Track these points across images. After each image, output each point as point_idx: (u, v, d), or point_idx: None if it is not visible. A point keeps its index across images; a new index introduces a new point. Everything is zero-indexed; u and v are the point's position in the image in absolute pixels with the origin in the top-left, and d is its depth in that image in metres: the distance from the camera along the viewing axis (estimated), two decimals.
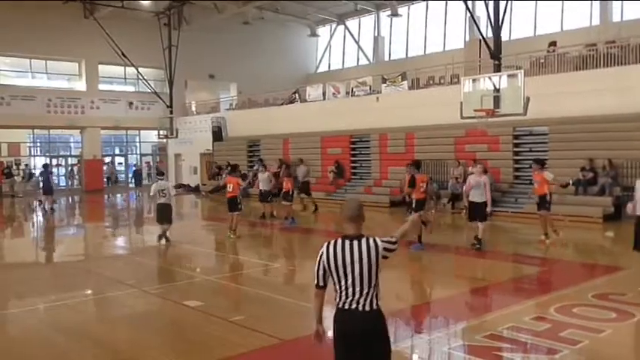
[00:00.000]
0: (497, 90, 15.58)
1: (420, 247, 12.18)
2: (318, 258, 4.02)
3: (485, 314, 7.85)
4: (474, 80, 16.83)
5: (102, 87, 34.43)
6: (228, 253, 13.81)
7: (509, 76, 16.14)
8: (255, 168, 28.72)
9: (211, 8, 32.26)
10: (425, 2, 33.52)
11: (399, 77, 24.58)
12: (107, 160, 36.57)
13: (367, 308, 3.90)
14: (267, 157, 28.06)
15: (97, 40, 29.51)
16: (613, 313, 7.32)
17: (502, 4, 17.96)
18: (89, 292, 9.93)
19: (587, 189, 17.15)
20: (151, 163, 37.78)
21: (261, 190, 19.00)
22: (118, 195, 32.48)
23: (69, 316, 8.10)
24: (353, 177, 25.28)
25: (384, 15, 36.15)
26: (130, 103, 34.87)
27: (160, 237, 13.85)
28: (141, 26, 32.38)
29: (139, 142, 37.79)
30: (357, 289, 3.89)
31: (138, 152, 38.12)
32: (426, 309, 8.41)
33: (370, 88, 26.01)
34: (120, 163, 38.34)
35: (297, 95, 30.00)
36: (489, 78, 16.32)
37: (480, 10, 22.49)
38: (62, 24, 30.58)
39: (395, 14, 34.59)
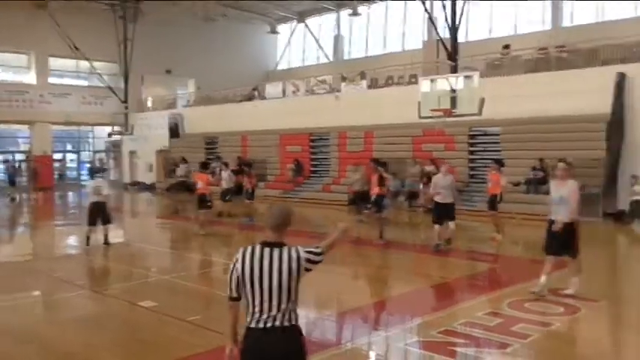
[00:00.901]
0: (453, 90, 15.89)
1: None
2: (232, 266, 3.59)
3: (441, 310, 8.00)
4: (431, 80, 17.12)
5: (53, 80, 33.46)
6: (185, 251, 13.65)
7: (465, 77, 16.49)
8: (212, 166, 28.51)
9: (168, 2, 31.73)
10: (385, 2, 33.86)
11: (359, 76, 24.76)
12: (58, 156, 35.53)
13: (286, 324, 3.48)
14: (226, 155, 27.86)
15: (47, 31, 28.71)
16: (561, 307, 7.58)
17: (459, 6, 18.31)
18: (38, 293, 9.67)
19: (537, 188, 17.63)
20: (105, 160, 36.95)
21: (223, 188, 18.86)
22: (70, 193, 31.69)
23: (16, 318, 7.87)
24: (312, 175, 25.34)
25: (345, 14, 36.33)
26: (83, 98, 33.98)
27: (88, 239, 12.94)
28: (95, 18, 31.60)
29: (92, 138, 36.89)
30: (274, 303, 3.46)
31: (91, 149, 37.21)
32: (382, 306, 8.52)
33: (330, 87, 26.12)
34: (72, 160, 37.36)
35: (256, 92, 29.89)
36: (446, 79, 16.64)
37: (438, 12, 22.85)
38: (10, 14, 29.37)
39: (355, 13, 34.79)
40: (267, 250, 3.53)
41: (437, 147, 20.57)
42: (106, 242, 13.11)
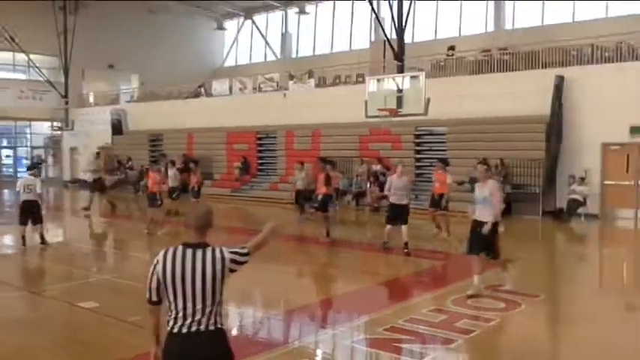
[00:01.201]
0: (400, 90, 16.07)
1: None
2: (152, 268, 3.45)
3: (387, 308, 8.08)
4: (378, 80, 17.27)
5: None
6: (128, 251, 13.32)
7: (411, 77, 16.70)
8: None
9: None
10: (332, 2, 33.96)
11: (306, 75, 24.77)
12: None
13: (211, 328, 3.35)
14: (171, 152, 27.34)
15: None
16: (502, 303, 7.78)
17: (405, 7, 18.57)
18: None
19: None
20: (43, 157, 35.72)
21: (170, 186, 18.54)
22: (6, 190, 30.44)
23: None
24: (259, 173, 25.21)
25: (292, 12, 36.28)
26: (21, 92, 32.65)
27: (23, 239, 12.43)
28: (33, 9, 30.31)
29: (30, 133, 35.55)
30: (199, 306, 3.32)
31: (28, 145, 35.87)
32: (329, 304, 8.54)
33: (277, 85, 26.02)
34: (8, 156, 35.91)
35: (202, 89, 29.48)
36: (393, 79, 16.81)
37: (385, 12, 23.10)
38: None
39: (302, 12, 34.79)
40: (189, 251, 3.39)
41: (383, 146, 20.80)
42: (43, 242, 12.59)
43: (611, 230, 16.38)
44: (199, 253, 3.38)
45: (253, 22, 38.72)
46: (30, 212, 12.41)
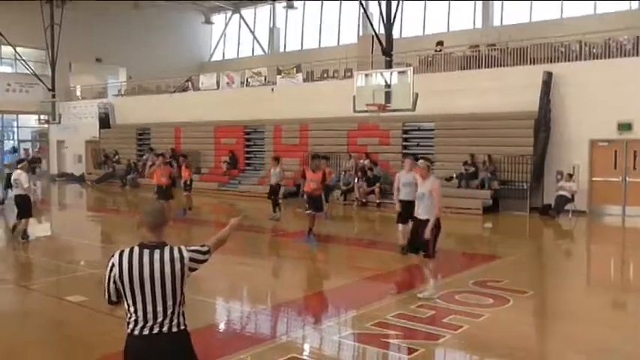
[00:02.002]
0: (388, 85, 16.06)
1: (310, 240, 12.12)
2: (108, 270, 3.29)
3: (374, 303, 8.09)
4: (366, 75, 17.25)
5: None
6: (116, 245, 13.21)
7: (399, 72, 16.70)
8: (144, 157, 27.87)
9: None
10: None
11: (294, 69, 24.69)
12: None
13: (174, 330, 3.27)
14: (158, 147, 27.23)
15: None
16: (490, 299, 7.82)
17: (393, 2, 18.54)
18: None
19: (468, 182, 18.15)
20: (30, 151, 35.39)
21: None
22: None
23: None
24: (247, 168, 25.14)
25: (280, 6, 36.15)
26: (8, 85, 32.31)
27: (12, 231, 12.54)
28: (20, 2, 29.98)
29: (17, 127, 35.21)
30: (160, 308, 3.22)
31: (15, 138, 35.52)
32: (317, 299, 8.55)
33: (265, 79, 25.95)
34: None
35: (190, 83, 29.32)
36: (381, 74, 16.79)
37: (373, 7, 23.06)
38: None
39: (290, 6, 34.67)
40: (146, 252, 3.25)
41: (371, 141, 20.81)
42: (24, 237, 12.45)
43: (598, 226, 16.50)
44: (157, 253, 3.25)
45: (241, 17, 38.55)
46: (17, 207, 12.34)
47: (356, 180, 19.75)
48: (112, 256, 3.33)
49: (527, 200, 17.18)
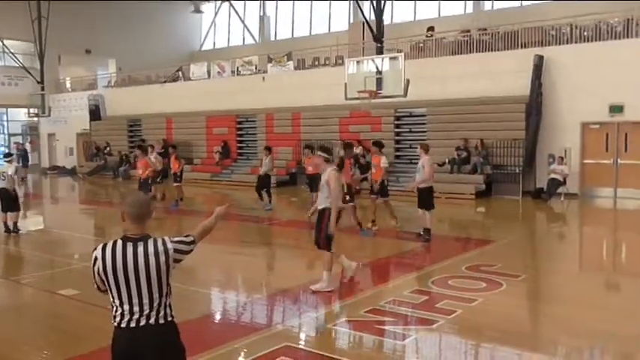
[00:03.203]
0: (379, 72, 16.00)
1: (368, 232, 11.91)
2: (92, 264, 3.30)
3: (368, 290, 8.11)
4: (357, 62, 17.17)
5: None
6: (110, 238, 13.13)
7: (390, 58, 16.62)
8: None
9: None
10: None
11: (285, 57, 24.58)
12: None
13: (161, 321, 3.25)
14: (150, 138, 27.10)
15: None
16: (483, 283, 7.84)
17: None
18: None
19: (461, 167, 18.18)
20: (20, 144, 35.14)
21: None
22: None
23: None
24: (239, 157, 25.08)
25: None
26: None
27: (6, 226, 12.46)
28: None
29: (7, 120, 34.97)
30: (146, 300, 3.20)
31: (5, 132, 35.29)
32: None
33: (256, 68, 25.83)
34: None
35: (180, 73, 29.15)
36: (372, 60, 16.72)
37: None
38: None
39: None
40: (129, 245, 3.23)
41: (363, 128, 20.79)
42: (14, 230, 12.45)
43: (590, 209, 16.57)
44: (141, 246, 3.22)
45: (231, 5, 38.27)
46: (5, 200, 12.29)
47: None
48: (95, 249, 3.31)
49: (520, 184, 17.24)
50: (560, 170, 16.84)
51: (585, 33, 18.14)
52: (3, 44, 30.43)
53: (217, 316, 7.28)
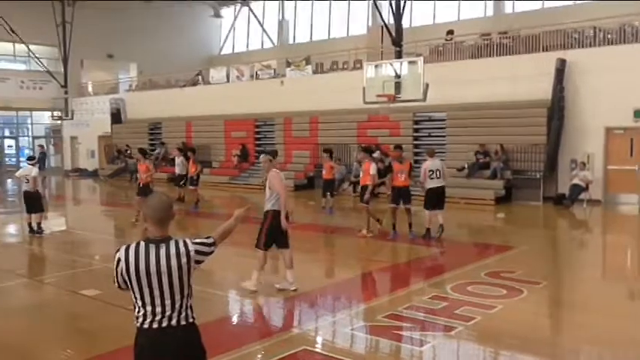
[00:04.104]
0: (398, 76, 15.93)
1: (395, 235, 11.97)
2: (115, 265, 3.33)
3: (386, 295, 8.07)
4: (376, 66, 17.12)
5: None
6: (130, 239, 13.28)
7: (409, 62, 16.55)
8: (157, 152, 28.00)
9: None
10: None
11: (304, 61, 24.62)
12: None
13: (183, 323, 3.28)
14: (170, 141, 27.39)
15: None
16: (503, 290, 7.75)
17: None
18: None
19: (480, 172, 18.03)
20: (45, 146, 35.71)
21: (177, 174, 18.73)
22: (9, 180, 30.42)
23: None
24: (257, 161, 25.11)
25: None
26: (22, 83, 32.56)
27: (30, 227, 12.67)
28: (32, 1, 30.15)
29: (31, 123, 35.53)
30: (168, 302, 3.24)
31: (30, 134, 35.85)
32: (329, 291, 8.51)
33: (275, 72, 25.90)
34: (10, 146, 35.90)
35: (200, 77, 29.36)
36: (391, 64, 16.66)
37: None
38: None
39: None
40: (152, 247, 3.26)
41: (382, 132, 20.71)
42: (37, 231, 12.62)
43: (614, 216, 16.29)
44: (163, 248, 3.26)
45: (250, 9, 38.46)
46: (28, 202, 12.49)
47: None
48: (118, 250, 3.34)
49: (541, 190, 17.04)
50: (583, 176, 16.57)
51: (609, 36, 17.87)
52: (28, 49, 30.91)
53: (235, 319, 7.30)
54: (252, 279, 7.79)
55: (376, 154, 19.72)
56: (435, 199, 11.65)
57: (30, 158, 13.69)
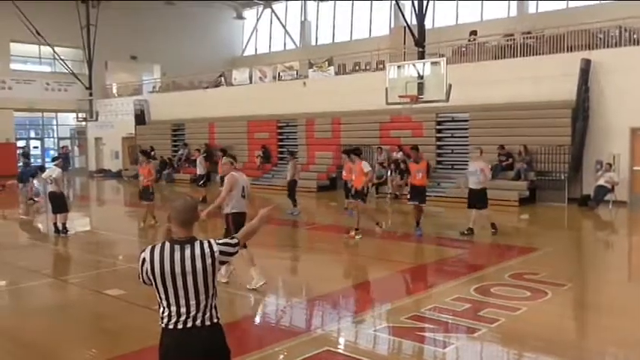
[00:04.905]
0: (420, 77, 15.88)
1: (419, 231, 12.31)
2: (140, 265, 3.37)
3: (409, 296, 8.05)
4: (398, 67, 17.09)
5: (14, 66, 32.55)
6: (154, 239, 13.45)
7: (432, 63, 16.49)
8: (180, 153, 28.26)
9: None
10: None
11: (326, 62, 24.65)
12: (21, 144, 34.60)
13: (207, 323, 3.31)
14: (193, 142, 27.60)
15: (9, 16, 27.72)
16: (528, 291, 7.68)
17: None
18: (2, 282, 9.42)
19: (504, 173, 17.86)
20: (69, 147, 36.21)
21: (198, 174, 18.93)
22: (35, 181, 30.90)
23: None
24: (280, 162, 25.21)
25: None
26: (47, 84, 33.13)
27: (55, 227, 12.87)
28: (57, 3, 30.65)
29: (56, 125, 36.09)
30: (192, 302, 3.26)
31: (55, 136, 36.42)
32: (352, 292, 8.52)
33: (297, 73, 25.96)
34: (35, 147, 36.50)
35: (223, 79, 29.55)
36: (413, 65, 16.62)
37: None
38: None
39: None
40: (177, 247, 3.29)
41: (404, 133, 20.64)
42: (62, 231, 12.81)
43: None
44: (187, 249, 3.29)
45: (272, 11, 38.61)
46: (54, 202, 12.72)
47: (389, 173, 19.64)
48: (143, 250, 3.38)
49: (565, 191, 16.82)
50: (609, 177, 16.32)
51: (635, 35, 17.61)
52: (54, 51, 31.39)
53: (258, 319, 7.34)
54: (254, 275, 7.91)
55: (399, 155, 19.75)
56: (474, 199, 12.00)
57: (54, 159, 13.94)
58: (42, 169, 14.09)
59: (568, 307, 7.62)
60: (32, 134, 36.87)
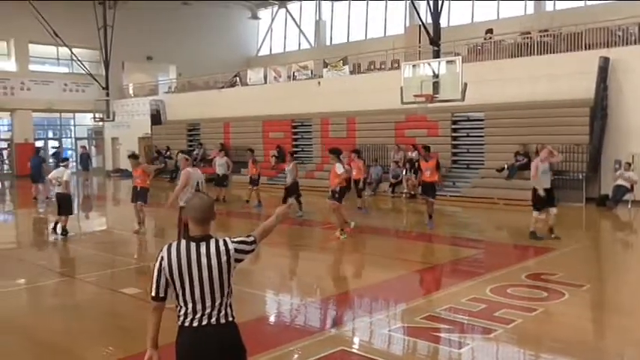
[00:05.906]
0: (436, 76, 15.79)
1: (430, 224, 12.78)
2: (157, 264, 3.37)
3: (424, 296, 8.00)
4: (413, 66, 17.01)
5: (33, 68, 32.97)
6: (170, 238, 13.48)
7: (447, 62, 16.39)
8: (195, 152, 28.35)
9: None
10: None
11: (341, 62, 24.62)
12: (39, 144, 34.96)
13: (222, 321, 3.31)
14: (208, 142, 27.72)
15: (27, 18, 28.01)
16: (544, 292, 7.60)
17: None
18: (19, 281, 9.48)
19: (520, 173, 17.68)
20: (87, 147, 36.52)
21: (218, 174, 19.00)
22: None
23: None
24: (295, 161, 25.19)
25: None
26: (65, 85, 33.48)
27: (54, 228, 12.82)
28: (74, 4, 30.92)
29: (74, 125, 36.45)
30: (208, 301, 3.28)
31: (72, 136, 36.78)
32: (366, 292, 8.48)
33: (312, 73, 25.96)
34: (54, 147, 36.86)
35: (237, 79, 29.63)
36: (429, 64, 16.54)
37: None
38: None
39: None
40: (193, 245, 3.32)
41: (420, 133, 20.54)
42: (62, 233, 12.67)
43: None
44: (203, 246, 3.31)
45: (287, 11, 38.65)
46: (60, 204, 12.66)
47: (404, 172, 19.56)
48: (162, 249, 3.40)
49: (583, 191, 16.63)
50: (628, 177, 16.11)
51: None
52: (71, 52, 31.68)
53: (272, 318, 7.33)
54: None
55: (414, 154, 19.66)
56: (550, 196, 11.54)
57: (63, 160, 13.78)
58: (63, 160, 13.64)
59: (586, 308, 7.52)
60: (50, 134, 37.27)
